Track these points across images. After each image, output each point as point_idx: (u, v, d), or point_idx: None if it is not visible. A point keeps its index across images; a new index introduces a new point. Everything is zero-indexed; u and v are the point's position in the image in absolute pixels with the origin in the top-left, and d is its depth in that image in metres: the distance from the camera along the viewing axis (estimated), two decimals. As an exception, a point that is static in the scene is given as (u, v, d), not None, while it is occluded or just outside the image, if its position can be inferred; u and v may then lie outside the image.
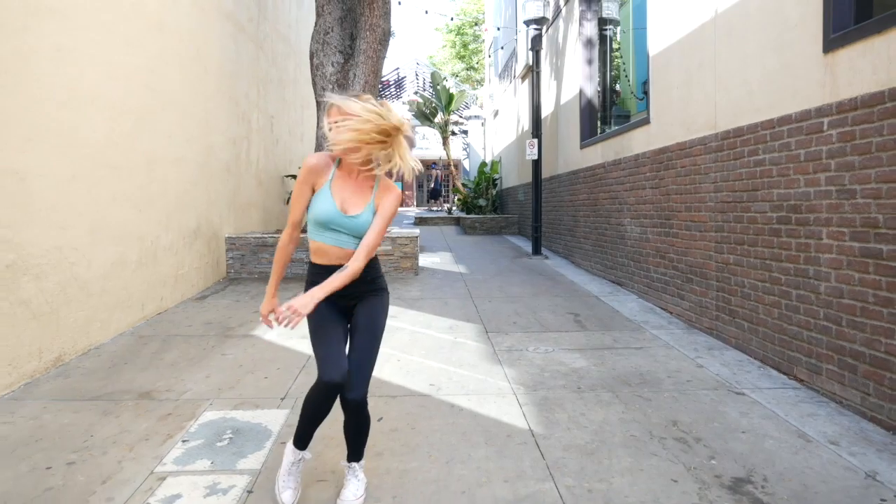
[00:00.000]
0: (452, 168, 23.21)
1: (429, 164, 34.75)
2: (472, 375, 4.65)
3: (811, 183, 4.28)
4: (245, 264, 9.00)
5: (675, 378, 4.57)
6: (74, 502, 2.86)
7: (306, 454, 2.93)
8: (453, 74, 34.32)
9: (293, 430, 3.57)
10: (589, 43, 10.04)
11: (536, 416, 3.86)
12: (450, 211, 22.12)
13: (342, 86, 9.60)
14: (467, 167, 31.20)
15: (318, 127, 9.81)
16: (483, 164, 21.21)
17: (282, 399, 4.17)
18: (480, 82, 34.52)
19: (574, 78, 10.61)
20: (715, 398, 4.15)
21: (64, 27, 5.03)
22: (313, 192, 2.83)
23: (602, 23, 10.12)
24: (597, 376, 4.62)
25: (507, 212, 19.03)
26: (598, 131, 9.90)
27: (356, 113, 2.56)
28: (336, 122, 2.65)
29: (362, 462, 2.93)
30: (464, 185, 21.60)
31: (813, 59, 4.27)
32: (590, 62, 10.07)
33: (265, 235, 9.12)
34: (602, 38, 10.14)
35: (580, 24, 10.09)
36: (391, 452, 3.37)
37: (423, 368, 4.81)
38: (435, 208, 30.41)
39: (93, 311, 5.36)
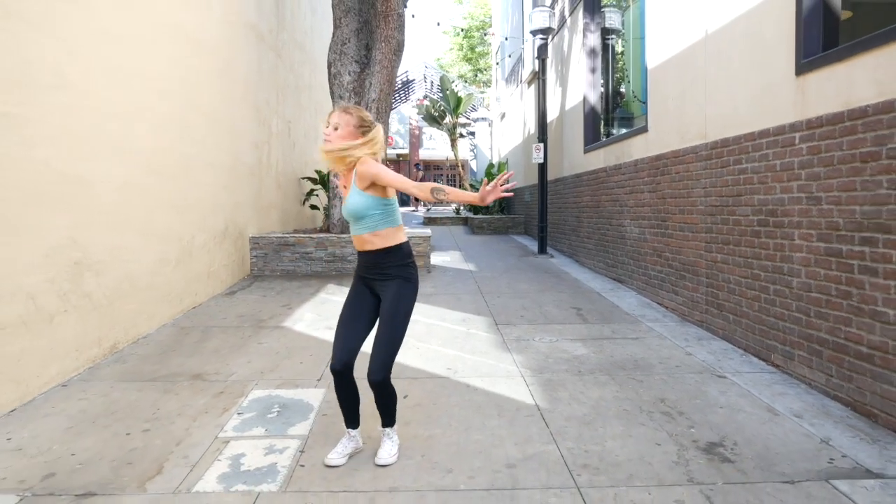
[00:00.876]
0: (460, 169, 23.81)
1: (414, 165, 35.32)
2: (485, 361, 5.23)
3: (785, 190, 4.83)
4: (268, 262, 9.58)
5: (666, 364, 5.13)
6: (156, 460, 3.45)
7: (352, 433, 3.50)
8: (460, 76, 34.94)
9: (331, 405, 4.17)
10: (592, 52, 10.60)
11: (541, 394, 4.43)
12: (458, 211, 22.68)
13: (358, 93, 10.20)
14: (474, 168, 31.79)
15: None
16: (490, 165, 21.81)
17: (318, 380, 4.75)
18: (487, 84, 35.10)
19: (578, 85, 11.18)
20: (699, 380, 4.71)
21: (120, 49, 5.62)
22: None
23: (605, 33, 10.68)
24: (595, 362, 5.19)
25: (514, 212, 19.58)
26: (601, 136, 10.46)
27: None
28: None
29: (395, 427, 3.51)
30: (471, 185, 22.21)
31: (787, 81, 4.83)
32: (593, 70, 10.63)
33: (286, 235, 9.71)
34: (605, 47, 10.69)
35: (584, 34, 10.64)
36: (417, 422, 3.94)
37: (441, 355, 5.38)
38: (421, 208, 30.89)
39: (141, 305, 5.94)
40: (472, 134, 32.32)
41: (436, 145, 37.86)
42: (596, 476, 3.23)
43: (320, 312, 6.81)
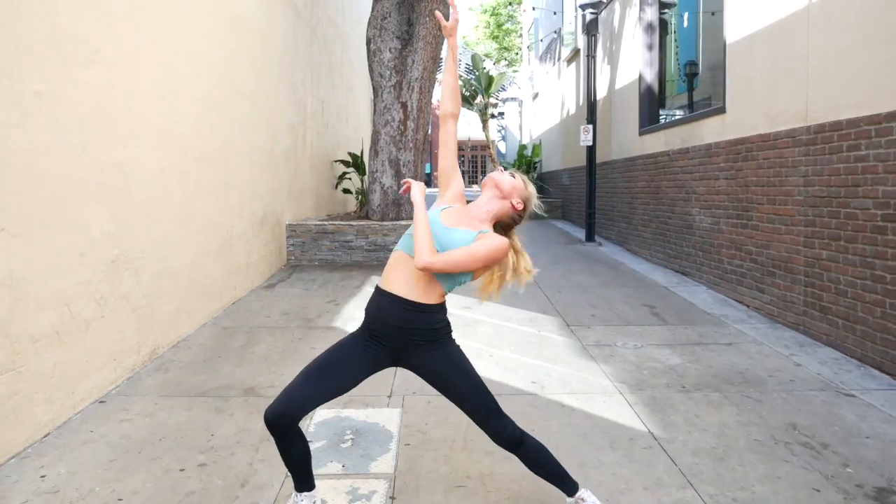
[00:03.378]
0: (490, 150, 23.10)
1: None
2: (571, 373, 4.63)
3: (926, 181, 4.18)
4: (305, 251, 9.01)
5: (777, 377, 4.51)
6: (220, 506, 2.88)
7: (301, 496, 2.65)
8: (486, 55, 34.03)
9: (412, 431, 3.59)
10: (650, 27, 9.89)
11: (651, 418, 3.83)
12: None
13: (400, 71, 9.58)
14: (503, 150, 31.01)
15: (375, 112, 9.82)
16: (522, 146, 21.09)
17: (389, 397, 4.17)
18: (512, 63, 34.18)
19: (632, 63, 10.47)
20: (826, 400, 4.09)
21: (159, 21, 5.02)
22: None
23: (662, 7, 9.96)
24: (696, 375, 4.57)
25: (551, 196, 18.86)
26: (660, 118, 9.77)
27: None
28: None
29: (581, 492, 2.66)
30: (503, 166, 21.44)
31: (930, 54, 4.16)
32: (650, 47, 9.92)
33: (324, 223, 9.13)
34: (662, 23, 9.98)
35: (641, 8, 9.92)
36: (519, 456, 3.35)
37: (520, 364, 4.79)
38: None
39: (181, 302, 5.39)
40: (502, 115, 31.50)
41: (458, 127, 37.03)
42: (761, 538, 2.64)
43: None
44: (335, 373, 2.49)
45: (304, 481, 2.63)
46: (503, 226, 2.73)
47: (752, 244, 6.43)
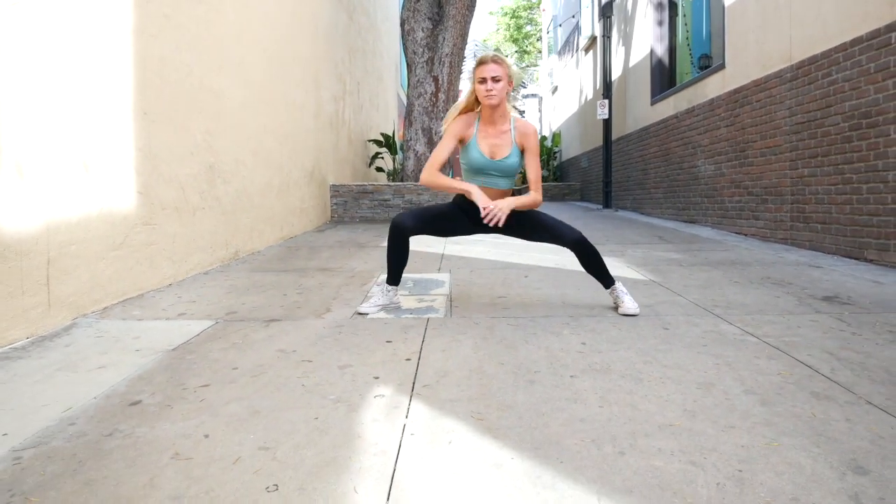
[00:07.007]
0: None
1: None
2: (587, 261, 5.53)
3: (880, 90, 5.06)
4: (347, 210, 9.97)
5: (761, 262, 5.39)
6: (322, 304, 3.81)
7: (392, 287, 3.72)
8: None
9: (459, 283, 4.50)
10: (660, 6, 10.83)
11: (653, 276, 4.73)
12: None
13: (431, 48, 10.55)
14: (523, 146, 31.84)
15: (409, 86, 10.78)
16: (543, 137, 22.05)
17: (438, 269, 5.11)
18: (528, 67, 35.20)
19: (644, 40, 11.41)
20: (798, 269, 4.97)
21: (239, -24, 6.03)
22: (461, 143, 3.55)
23: (670, -12, 10.89)
24: (693, 261, 5.47)
25: (569, 179, 19.80)
26: (675, 82, 10.68)
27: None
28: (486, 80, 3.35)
29: (617, 284, 3.65)
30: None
31: (882, -15, 5.05)
32: (660, 23, 10.85)
33: (364, 184, 10.08)
34: (671, 4, 10.91)
35: (651, -12, 10.87)
36: (549, 285, 4.26)
37: (544, 259, 5.70)
38: None
39: (253, 221, 6.35)
40: (522, 113, 32.48)
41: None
42: (728, 310, 3.53)
43: (415, 240, 7.15)
44: (439, 222, 3.65)
45: (395, 278, 3.70)
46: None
47: (749, 179, 7.31)
